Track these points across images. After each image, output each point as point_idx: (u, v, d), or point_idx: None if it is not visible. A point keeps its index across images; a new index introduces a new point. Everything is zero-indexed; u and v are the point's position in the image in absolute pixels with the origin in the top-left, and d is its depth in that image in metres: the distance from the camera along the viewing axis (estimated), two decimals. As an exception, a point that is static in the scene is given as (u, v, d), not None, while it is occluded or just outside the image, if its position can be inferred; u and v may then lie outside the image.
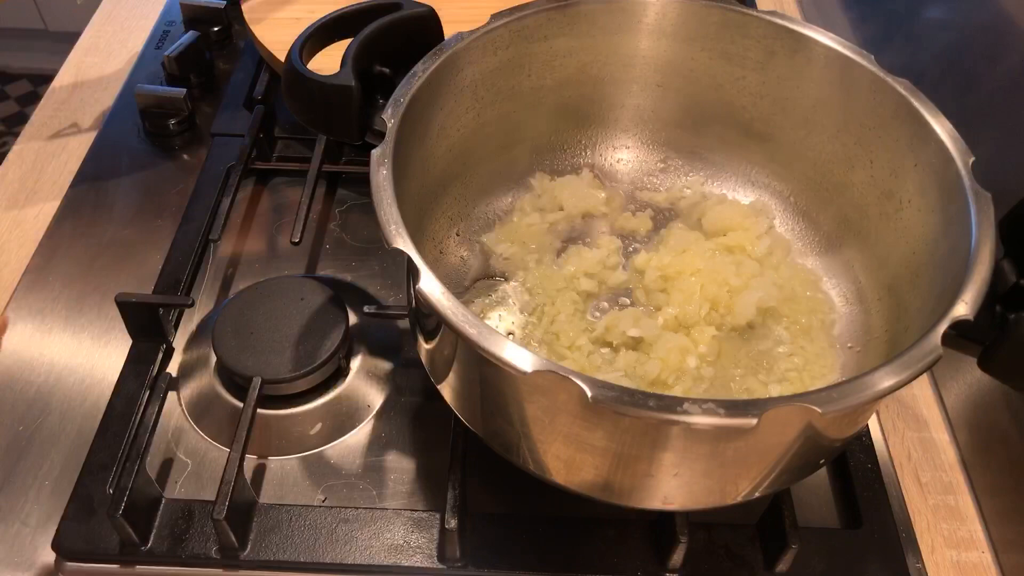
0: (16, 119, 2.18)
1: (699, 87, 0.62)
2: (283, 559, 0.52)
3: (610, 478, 0.45)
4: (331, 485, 0.57)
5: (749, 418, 0.37)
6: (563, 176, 0.65)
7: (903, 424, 0.63)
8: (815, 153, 0.60)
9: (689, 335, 0.56)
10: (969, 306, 0.41)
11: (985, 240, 0.44)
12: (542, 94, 0.62)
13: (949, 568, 0.56)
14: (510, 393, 0.44)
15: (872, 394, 0.39)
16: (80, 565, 0.53)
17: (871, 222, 0.57)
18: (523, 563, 0.53)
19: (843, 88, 0.56)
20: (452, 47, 0.54)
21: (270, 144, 0.77)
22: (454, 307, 0.40)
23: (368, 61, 0.52)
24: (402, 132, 0.48)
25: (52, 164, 0.78)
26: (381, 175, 0.45)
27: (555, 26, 0.59)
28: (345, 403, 0.60)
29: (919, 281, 0.51)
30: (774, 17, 0.58)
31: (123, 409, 0.58)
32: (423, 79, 0.51)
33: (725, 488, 0.46)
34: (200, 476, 0.57)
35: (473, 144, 0.60)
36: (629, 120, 0.66)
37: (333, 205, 0.75)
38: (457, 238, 0.61)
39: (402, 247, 0.42)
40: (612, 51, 0.61)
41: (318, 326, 0.60)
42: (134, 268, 0.69)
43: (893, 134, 0.54)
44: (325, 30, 0.53)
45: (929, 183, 0.51)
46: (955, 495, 0.59)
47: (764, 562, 0.53)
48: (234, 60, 0.87)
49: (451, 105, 0.56)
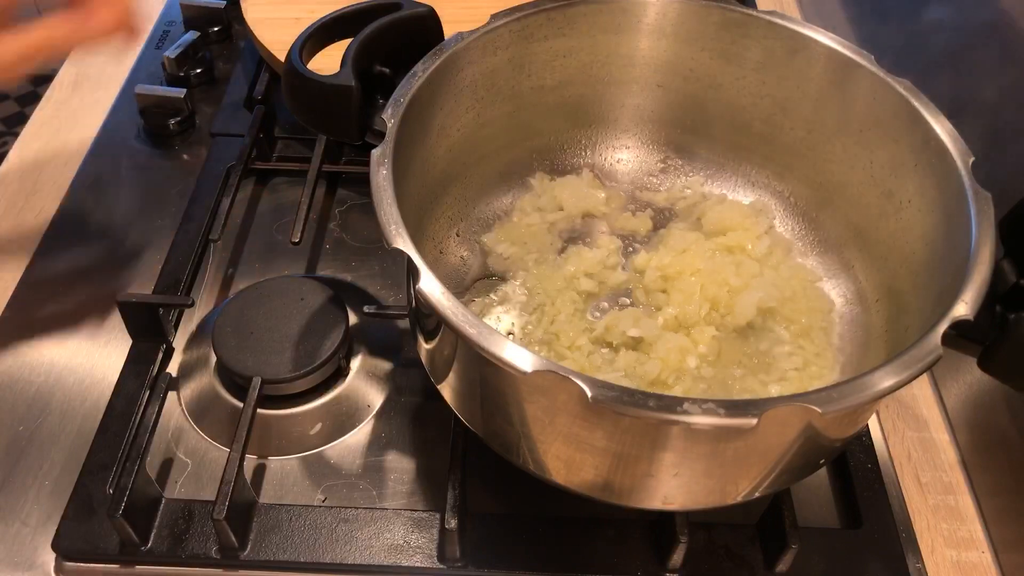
0: (16, 119, 2.18)
1: (699, 87, 0.62)
2: (283, 559, 0.52)
3: (610, 478, 0.45)
4: (331, 485, 0.57)
5: (749, 418, 0.37)
6: (563, 176, 0.65)
7: (903, 424, 0.63)
8: (815, 153, 0.60)
9: (689, 335, 0.56)
10: (969, 306, 0.41)
11: (985, 240, 0.44)
12: (542, 94, 0.62)
13: (949, 568, 0.56)
14: (510, 393, 0.44)
15: (872, 394, 0.39)
16: (80, 565, 0.53)
17: (871, 222, 0.57)
18: (523, 563, 0.53)
19: (843, 88, 0.56)
20: (452, 47, 0.54)
21: (270, 144, 0.77)
22: (454, 307, 0.40)
23: (368, 61, 0.52)
24: (402, 132, 0.48)
25: (52, 164, 0.78)
26: (381, 175, 0.45)
27: (555, 26, 0.59)
28: (345, 403, 0.60)
29: (919, 281, 0.51)
30: (774, 17, 0.58)
31: (123, 409, 0.58)
32: (423, 79, 0.51)
33: (725, 488, 0.46)
34: (200, 476, 0.57)
35: (473, 144, 0.60)
36: (629, 120, 0.66)
37: (333, 205, 0.75)
38: (457, 238, 0.61)
39: (402, 247, 0.42)
40: (612, 51, 0.61)
41: (318, 326, 0.60)
42: (134, 268, 0.69)
43: (893, 134, 0.54)
44: (325, 30, 0.53)
45: (929, 183, 0.51)
46: (955, 495, 0.59)
47: (764, 562, 0.53)
48: (234, 60, 0.87)
49: (451, 105, 0.56)
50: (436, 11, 0.55)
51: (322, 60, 0.52)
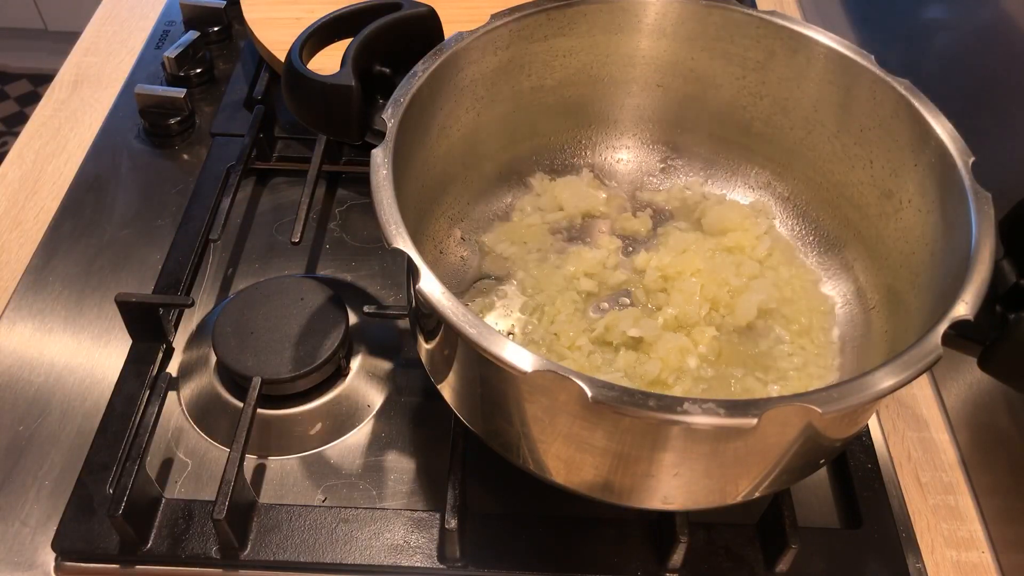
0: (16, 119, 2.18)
1: (699, 87, 0.63)
2: (283, 559, 0.52)
3: (610, 478, 0.45)
4: (331, 485, 0.57)
5: (749, 418, 0.37)
6: (563, 176, 0.66)
7: (903, 424, 0.63)
8: (815, 153, 0.60)
9: (689, 335, 0.56)
10: (969, 306, 0.41)
11: (985, 240, 0.44)
12: (542, 94, 0.62)
13: (949, 568, 0.56)
14: (510, 393, 0.44)
15: (872, 394, 0.39)
16: (80, 565, 0.53)
17: (871, 222, 0.57)
18: (523, 563, 0.53)
19: (843, 88, 0.56)
20: (452, 47, 0.54)
21: (270, 144, 0.77)
22: (454, 307, 0.40)
23: (368, 61, 0.52)
24: (402, 132, 0.48)
25: (52, 164, 0.78)
26: (381, 175, 0.45)
27: (555, 26, 0.59)
28: (345, 403, 0.60)
29: (919, 281, 0.51)
30: (774, 17, 0.58)
31: (123, 409, 0.58)
32: (423, 79, 0.51)
33: (725, 488, 0.46)
34: (200, 476, 0.57)
35: (473, 144, 0.60)
36: (629, 120, 0.66)
37: (333, 205, 0.75)
38: (457, 238, 0.61)
39: (402, 247, 0.42)
40: (612, 51, 0.61)
41: (318, 326, 0.60)
42: (134, 268, 0.69)
43: (893, 134, 0.54)
44: (325, 30, 0.53)
45: (929, 183, 0.51)
46: (955, 495, 0.59)
47: (764, 562, 0.53)
48: (234, 60, 0.87)
49: (451, 105, 0.56)
50: (436, 11, 0.55)
51: (322, 60, 0.52)
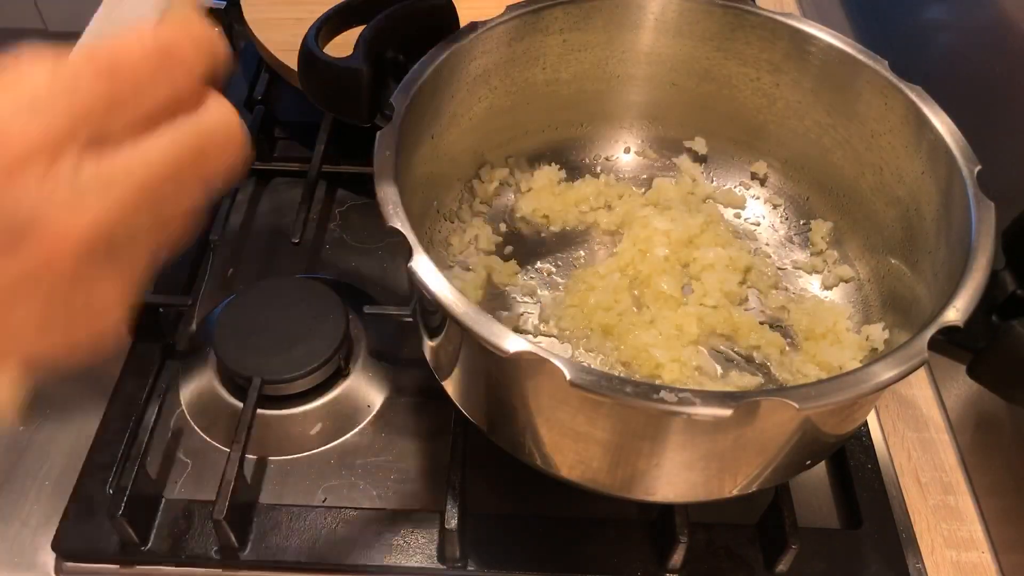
0: (16, 119, 2.18)
1: (713, 87, 0.62)
2: (283, 559, 0.52)
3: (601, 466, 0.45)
4: (331, 485, 0.57)
5: (724, 409, 0.37)
6: (573, 170, 0.66)
7: (903, 424, 0.63)
8: (827, 158, 0.60)
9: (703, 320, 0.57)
10: (960, 312, 0.41)
11: (983, 249, 0.44)
12: (556, 87, 0.62)
13: (949, 568, 0.56)
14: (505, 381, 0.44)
15: (853, 393, 0.39)
16: (80, 565, 0.53)
17: (875, 226, 0.57)
18: (523, 563, 0.53)
19: (855, 92, 0.56)
20: (467, 36, 0.54)
21: (270, 144, 0.77)
22: (443, 286, 0.40)
23: (383, 47, 0.52)
24: (410, 115, 0.49)
25: (52, 164, 0.78)
26: (384, 154, 0.45)
27: (571, 20, 0.59)
28: (345, 403, 0.60)
29: (921, 290, 0.51)
30: (790, 20, 0.57)
31: (123, 409, 0.58)
32: (435, 66, 0.51)
33: (709, 482, 0.46)
34: (200, 476, 0.57)
35: (483, 134, 0.60)
36: (642, 117, 0.66)
37: (333, 205, 0.75)
38: (463, 229, 0.61)
39: (398, 226, 0.42)
40: (628, 47, 0.61)
41: (318, 326, 0.60)
42: (134, 268, 0.69)
43: (902, 140, 0.53)
44: (342, 15, 0.53)
45: (935, 191, 0.51)
46: (955, 495, 0.59)
47: (764, 562, 0.53)
48: (234, 61, 0.87)
49: (463, 94, 0.56)
50: (453, 0, 0.55)
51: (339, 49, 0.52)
